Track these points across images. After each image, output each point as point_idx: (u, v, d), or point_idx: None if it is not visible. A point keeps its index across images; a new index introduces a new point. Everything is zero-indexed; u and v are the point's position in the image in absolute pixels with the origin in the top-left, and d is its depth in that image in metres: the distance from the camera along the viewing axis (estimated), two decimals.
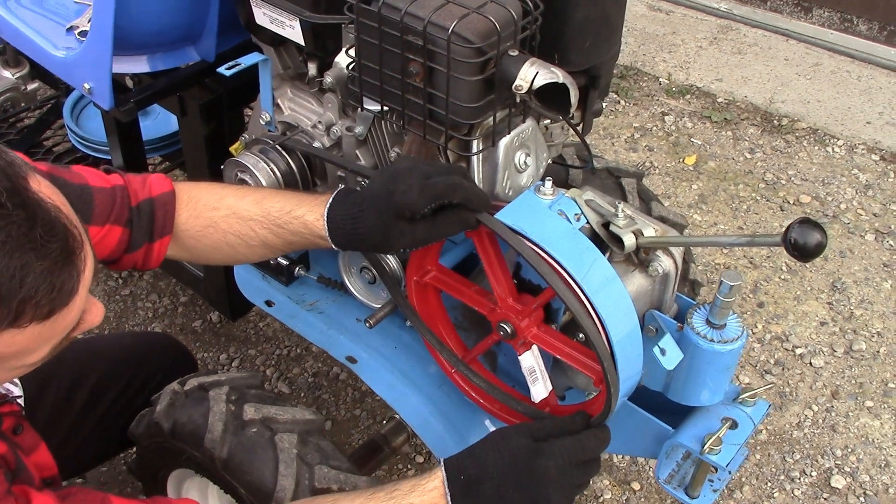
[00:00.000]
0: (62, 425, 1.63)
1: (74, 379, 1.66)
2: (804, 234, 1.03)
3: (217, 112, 1.74)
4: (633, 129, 3.36)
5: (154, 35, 1.66)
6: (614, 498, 2.14)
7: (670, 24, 3.99)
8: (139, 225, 1.35)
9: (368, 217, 1.24)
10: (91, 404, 1.67)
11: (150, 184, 1.37)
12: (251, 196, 1.37)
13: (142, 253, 1.38)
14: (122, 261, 1.39)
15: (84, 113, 2.47)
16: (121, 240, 1.35)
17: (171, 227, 1.37)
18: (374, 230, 1.24)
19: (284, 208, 1.33)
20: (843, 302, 2.64)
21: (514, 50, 1.20)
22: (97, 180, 1.33)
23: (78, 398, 1.66)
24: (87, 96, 1.65)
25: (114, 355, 1.76)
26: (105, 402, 1.69)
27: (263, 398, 1.52)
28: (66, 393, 1.64)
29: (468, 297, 1.37)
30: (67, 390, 1.64)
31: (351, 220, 1.26)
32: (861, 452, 2.24)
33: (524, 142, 1.37)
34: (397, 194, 1.20)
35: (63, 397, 1.64)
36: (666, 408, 1.39)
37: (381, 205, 1.22)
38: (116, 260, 1.38)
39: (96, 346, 1.85)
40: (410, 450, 2.22)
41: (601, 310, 1.16)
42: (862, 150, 3.24)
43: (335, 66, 1.43)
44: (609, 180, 1.95)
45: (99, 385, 1.68)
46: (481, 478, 1.18)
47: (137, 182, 1.37)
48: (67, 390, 1.64)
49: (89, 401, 1.67)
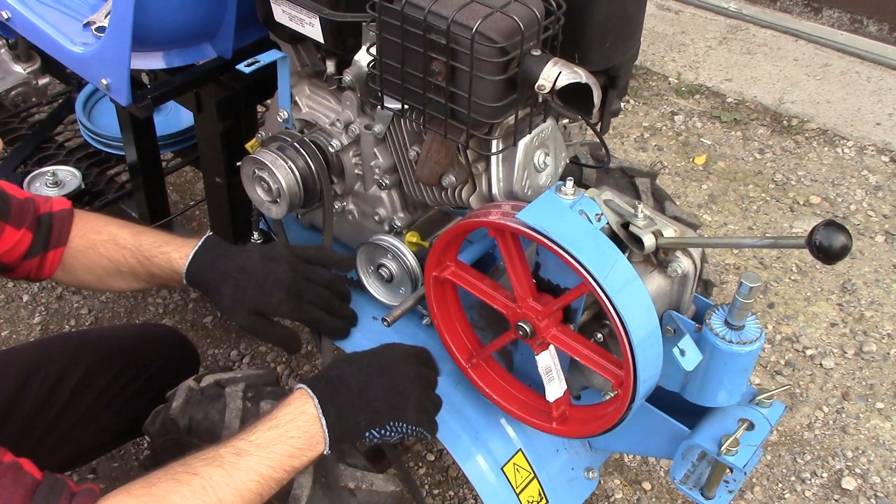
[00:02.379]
0: (48, 413, 1.63)
1: (63, 368, 1.66)
2: (829, 236, 1.03)
3: (234, 109, 1.74)
4: (643, 128, 3.36)
5: (171, 31, 1.65)
6: (625, 498, 2.14)
7: (679, 23, 3.99)
8: (38, 234, 1.48)
9: (228, 286, 1.42)
10: (79, 392, 1.67)
11: (52, 202, 1.52)
12: (131, 229, 1.53)
13: (36, 262, 1.49)
14: (20, 268, 1.50)
15: (96, 108, 2.46)
16: (27, 245, 1.47)
17: (65, 240, 1.50)
18: (225, 296, 1.42)
19: (156, 243, 1.49)
20: (854, 303, 2.64)
21: (536, 49, 1.20)
22: (13, 190, 1.48)
23: (66, 386, 1.65)
24: (105, 92, 1.65)
25: (106, 344, 1.76)
26: (94, 390, 1.68)
27: (279, 395, 1.52)
28: (54, 381, 1.64)
29: (487, 294, 1.37)
30: (54, 379, 1.65)
31: (213, 271, 1.43)
32: (872, 454, 2.24)
33: (544, 141, 1.37)
34: (272, 300, 1.41)
35: (49, 386, 1.64)
36: (681, 408, 1.39)
37: (248, 288, 1.41)
38: (15, 267, 1.49)
39: (89, 336, 1.85)
40: (422, 447, 2.22)
41: (622, 310, 1.16)
42: (872, 151, 3.24)
43: (355, 63, 1.43)
44: (623, 180, 1.95)
45: (88, 373, 1.68)
46: (343, 376, 1.27)
47: (42, 199, 1.52)
48: (54, 379, 1.65)
49: (76, 389, 1.66)
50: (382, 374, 1.29)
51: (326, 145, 1.54)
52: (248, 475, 1.15)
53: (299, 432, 1.21)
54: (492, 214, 1.26)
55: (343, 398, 1.25)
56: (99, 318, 2.56)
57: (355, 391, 1.26)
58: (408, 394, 1.29)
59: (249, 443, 1.19)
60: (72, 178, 2.24)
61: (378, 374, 1.29)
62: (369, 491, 1.42)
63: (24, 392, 1.61)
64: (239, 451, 1.17)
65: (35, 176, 2.23)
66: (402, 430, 1.29)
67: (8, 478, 1.05)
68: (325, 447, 1.23)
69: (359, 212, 1.62)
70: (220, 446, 1.19)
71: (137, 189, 2.18)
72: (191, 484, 1.11)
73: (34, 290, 2.64)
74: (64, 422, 1.65)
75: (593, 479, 1.60)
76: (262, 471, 1.16)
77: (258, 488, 1.16)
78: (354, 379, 1.27)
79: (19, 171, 2.30)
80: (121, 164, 2.33)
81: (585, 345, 1.31)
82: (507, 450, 1.51)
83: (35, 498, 1.06)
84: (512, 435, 1.53)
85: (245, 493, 1.14)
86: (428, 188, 1.46)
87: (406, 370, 1.31)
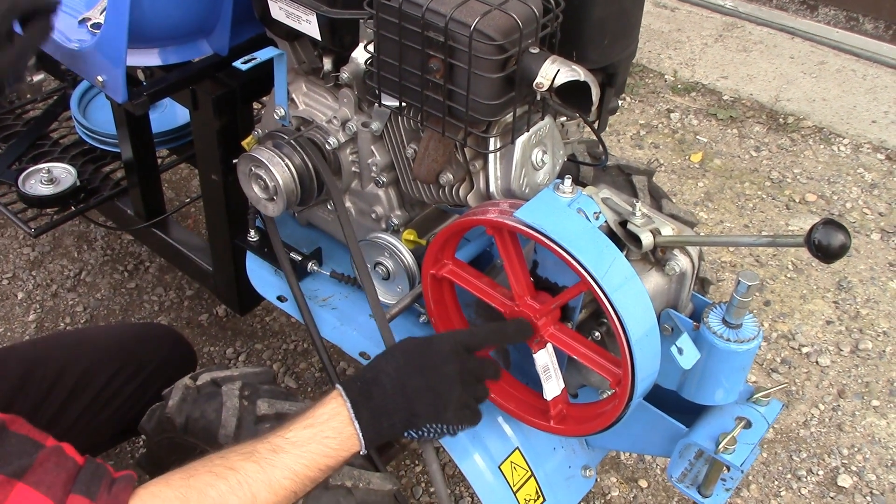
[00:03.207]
0: (46, 412, 1.62)
1: (61, 366, 1.65)
2: (828, 235, 1.03)
3: (230, 106, 1.73)
4: (639, 126, 3.36)
5: (167, 28, 1.64)
6: (622, 495, 2.15)
7: (675, 20, 3.99)
8: None
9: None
10: (77, 392, 1.66)
11: None
12: None
13: None
14: None
15: (91, 104, 2.45)
16: None
17: None
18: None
19: None
20: (849, 301, 2.64)
21: (535, 47, 1.20)
22: None
23: (64, 385, 1.65)
24: (100, 89, 1.64)
25: (105, 344, 1.75)
26: (92, 389, 1.68)
27: (276, 394, 1.51)
28: (51, 381, 1.64)
29: (484, 292, 1.36)
30: (53, 378, 1.64)
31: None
32: (868, 451, 2.24)
33: (541, 139, 1.37)
34: None
35: (47, 385, 1.63)
36: (678, 406, 1.39)
37: None
38: None
39: (87, 334, 1.84)
40: (418, 445, 2.22)
41: (620, 308, 1.16)
42: (867, 148, 3.24)
43: (352, 61, 1.42)
44: (620, 177, 1.95)
45: (87, 373, 1.67)
46: (378, 377, 1.22)
47: None
48: (53, 378, 1.64)
49: (75, 388, 1.66)
50: (420, 375, 1.22)
51: (323, 143, 1.54)
52: (283, 472, 1.15)
53: (334, 433, 1.20)
54: (489, 212, 1.26)
55: (377, 401, 1.21)
56: (94, 316, 2.56)
57: (390, 393, 1.21)
58: (448, 396, 1.22)
59: (285, 440, 1.18)
60: (67, 175, 2.23)
61: (415, 375, 1.22)
62: (367, 489, 1.42)
63: (23, 391, 1.60)
64: (275, 447, 1.17)
65: (30, 173, 2.22)
66: (443, 429, 1.26)
67: (51, 462, 1.05)
68: (361, 448, 1.22)
69: (356, 210, 1.62)
70: (258, 441, 1.18)
71: (133, 186, 2.18)
72: (227, 478, 1.12)
73: (28, 287, 2.63)
74: (62, 421, 1.64)
75: (590, 478, 1.60)
76: (296, 469, 1.16)
77: (292, 486, 1.16)
78: (390, 380, 1.22)
79: (14, 168, 2.30)
80: (116, 161, 2.32)
81: (583, 343, 1.31)
82: (505, 448, 1.51)
83: (76, 483, 1.05)
84: (509, 433, 1.52)
85: (279, 490, 1.15)
86: (425, 186, 1.46)
87: (447, 370, 1.22)
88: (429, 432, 1.26)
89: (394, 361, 1.24)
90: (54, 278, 2.67)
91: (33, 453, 1.05)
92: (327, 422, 1.20)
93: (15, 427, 1.07)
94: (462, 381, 1.23)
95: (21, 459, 1.03)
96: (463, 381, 1.23)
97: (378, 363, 1.25)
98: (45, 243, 2.77)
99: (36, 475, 1.03)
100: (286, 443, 1.17)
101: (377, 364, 1.25)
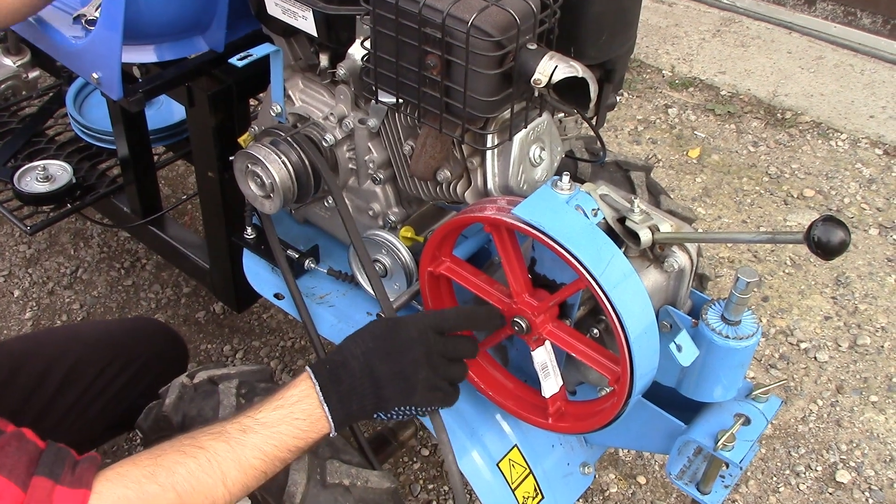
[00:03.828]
0: (35, 406, 1.62)
1: (50, 361, 1.65)
2: (827, 231, 1.02)
3: (226, 103, 1.72)
4: (637, 121, 3.35)
5: (163, 24, 1.64)
6: (620, 492, 2.14)
7: (673, 16, 3.98)
8: None
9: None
10: (66, 386, 1.65)
11: None
12: None
13: None
14: None
15: (87, 101, 2.44)
16: None
17: None
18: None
19: None
20: (848, 296, 2.64)
21: (532, 43, 1.19)
22: None
23: (52, 379, 1.64)
24: (96, 86, 1.63)
25: (94, 338, 1.74)
26: (81, 384, 1.67)
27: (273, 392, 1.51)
28: (40, 375, 1.63)
29: (482, 289, 1.36)
30: (42, 372, 1.63)
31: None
32: (866, 447, 2.24)
33: (539, 136, 1.36)
34: None
35: (36, 379, 1.62)
36: (677, 403, 1.39)
37: None
38: None
39: (78, 329, 1.84)
40: (416, 443, 2.22)
41: (618, 306, 1.16)
42: (865, 144, 3.24)
43: (348, 57, 1.41)
44: (618, 174, 1.95)
45: (76, 367, 1.66)
46: (346, 360, 1.22)
47: None
48: (42, 372, 1.63)
49: (64, 382, 1.65)
50: (388, 360, 1.22)
51: (320, 140, 1.53)
52: (253, 452, 1.15)
53: (304, 414, 1.20)
54: (487, 210, 1.25)
55: (345, 385, 1.22)
56: (90, 314, 2.55)
57: (357, 377, 1.22)
58: (415, 378, 1.22)
59: (255, 420, 1.18)
60: (63, 172, 2.22)
61: (383, 360, 1.22)
62: (364, 487, 1.41)
63: (12, 385, 1.60)
64: (244, 427, 1.17)
65: (26, 170, 2.21)
66: (413, 411, 1.26)
67: (12, 446, 1.05)
68: (331, 430, 1.22)
69: (353, 207, 1.61)
70: (227, 422, 1.18)
71: (129, 183, 2.17)
72: (196, 457, 1.12)
73: (25, 285, 2.63)
74: (52, 414, 1.63)
75: (589, 475, 1.60)
76: (266, 449, 1.16)
77: (262, 465, 1.16)
78: (357, 364, 1.22)
79: (9, 165, 2.29)
80: (112, 158, 2.32)
81: (581, 340, 1.30)
82: (503, 445, 1.51)
83: (39, 465, 1.05)
84: (507, 431, 1.52)
85: (248, 470, 1.15)
86: (422, 183, 1.45)
87: (413, 354, 1.22)
88: (398, 414, 1.26)
89: (362, 345, 1.23)
90: (51, 276, 2.66)
91: None
92: (296, 403, 1.20)
93: None
94: (430, 364, 1.23)
95: None
96: (431, 365, 1.23)
97: (347, 345, 1.25)
98: (41, 241, 2.76)
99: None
100: (256, 423, 1.17)
101: (346, 346, 1.25)
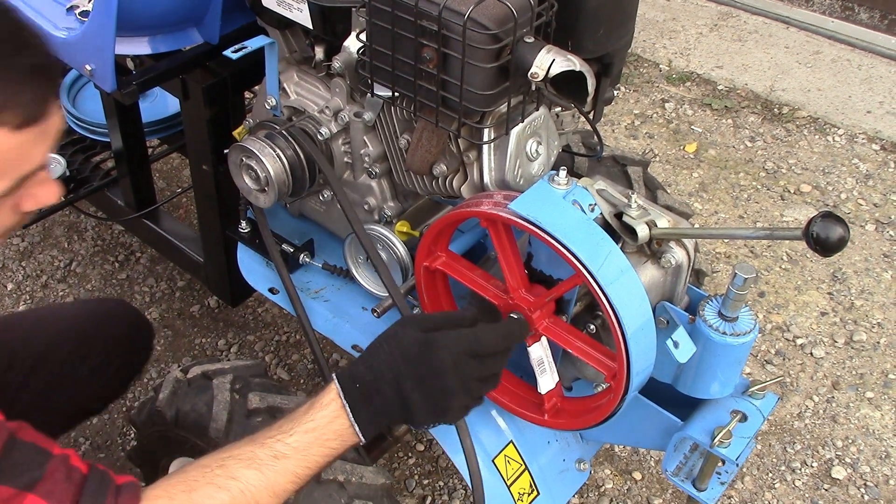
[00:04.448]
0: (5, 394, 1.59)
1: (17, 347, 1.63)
2: (826, 228, 1.02)
3: (221, 95, 1.71)
4: (634, 115, 3.34)
5: (157, 16, 1.62)
6: (615, 487, 2.14)
7: (670, 10, 3.97)
8: None
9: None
10: (30, 377, 1.63)
11: None
12: None
13: None
14: None
15: (81, 94, 2.43)
16: None
17: None
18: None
19: None
20: (844, 292, 2.63)
21: (529, 37, 1.18)
22: None
23: (21, 366, 1.62)
24: (89, 78, 1.62)
25: (61, 324, 1.72)
26: (46, 375, 1.65)
27: (267, 387, 1.50)
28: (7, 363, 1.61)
29: (478, 284, 1.35)
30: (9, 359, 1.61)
31: None
32: (862, 443, 2.24)
33: (536, 130, 1.35)
34: None
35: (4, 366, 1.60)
36: (673, 400, 1.38)
37: None
38: None
39: (42, 315, 1.81)
40: (411, 438, 2.21)
41: (615, 301, 1.15)
42: (862, 139, 3.23)
43: (344, 50, 1.40)
44: (615, 168, 1.94)
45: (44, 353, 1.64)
46: (378, 382, 1.16)
47: None
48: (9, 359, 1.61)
49: (33, 368, 1.63)
50: (421, 387, 1.14)
51: (315, 133, 1.52)
52: (287, 478, 1.15)
53: (335, 434, 1.18)
54: (484, 204, 1.25)
55: (376, 405, 1.17)
56: None
57: (388, 399, 1.16)
58: (447, 404, 1.16)
59: (287, 445, 1.16)
60: (56, 164, 2.20)
61: (415, 388, 1.14)
62: (359, 483, 1.41)
63: None
64: (276, 454, 1.15)
65: None
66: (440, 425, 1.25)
67: (60, 472, 1.05)
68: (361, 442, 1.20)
69: None
70: (258, 446, 1.16)
71: (123, 176, 2.16)
72: (230, 490, 1.11)
73: (18, 277, 2.61)
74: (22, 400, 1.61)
75: (584, 471, 1.59)
76: (299, 472, 1.16)
77: (294, 487, 1.16)
78: (390, 388, 1.15)
79: None
80: (106, 150, 2.30)
81: (578, 336, 1.30)
82: (498, 441, 1.50)
83: (84, 494, 1.05)
84: (503, 426, 1.51)
85: (282, 494, 1.15)
86: (418, 177, 1.44)
87: (448, 382, 1.14)
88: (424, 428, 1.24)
89: (394, 368, 1.15)
90: (44, 269, 2.65)
91: (43, 463, 1.04)
92: (328, 425, 1.17)
93: (22, 434, 1.06)
94: (464, 389, 1.16)
95: (32, 471, 1.03)
96: (465, 390, 1.17)
97: (377, 362, 1.17)
98: (34, 234, 2.75)
99: (46, 486, 1.02)
100: (288, 448, 1.15)
101: (376, 364, 1.17)
